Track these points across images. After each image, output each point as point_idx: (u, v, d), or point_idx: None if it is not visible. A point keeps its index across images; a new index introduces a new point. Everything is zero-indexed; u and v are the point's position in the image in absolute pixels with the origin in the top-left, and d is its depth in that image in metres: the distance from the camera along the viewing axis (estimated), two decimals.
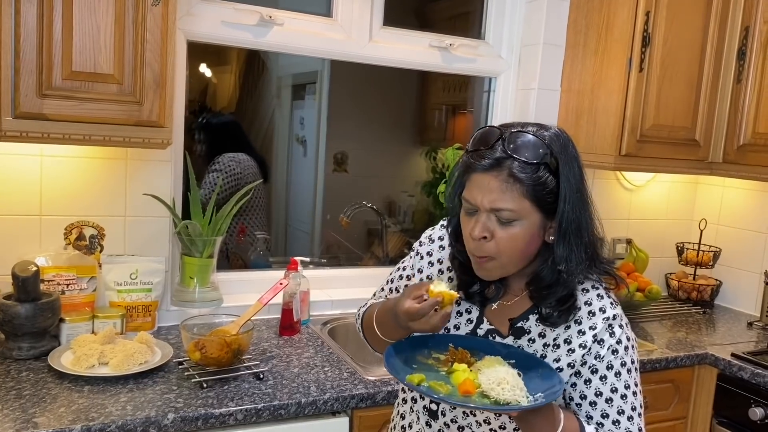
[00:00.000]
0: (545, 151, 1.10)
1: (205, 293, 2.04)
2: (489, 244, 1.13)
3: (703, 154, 2.48)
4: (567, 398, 1.19)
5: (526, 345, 1.21)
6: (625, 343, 1.18)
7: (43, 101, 1.54)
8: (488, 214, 1.12)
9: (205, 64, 3.33)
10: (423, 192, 3.64)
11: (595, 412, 1.16)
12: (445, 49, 2.45)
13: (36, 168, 1.86)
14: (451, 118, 3.89)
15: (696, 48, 2.38)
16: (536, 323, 1.21)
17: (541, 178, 1.10)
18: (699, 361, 2.19)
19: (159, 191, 1.97)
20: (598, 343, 1.16)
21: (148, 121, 1.65)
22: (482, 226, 1.13)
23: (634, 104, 2.29)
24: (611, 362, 1.16)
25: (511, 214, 1.11)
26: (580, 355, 1.16)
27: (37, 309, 1.69)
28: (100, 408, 1.46)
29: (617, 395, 1.15)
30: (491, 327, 1.25)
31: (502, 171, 1.10)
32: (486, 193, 1.11)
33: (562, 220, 1.12)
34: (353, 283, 2.48)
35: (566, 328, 1.19)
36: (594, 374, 1.16)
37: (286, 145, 3.85)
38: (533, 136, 1.11)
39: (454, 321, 1.29)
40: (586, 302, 1.19)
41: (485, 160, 1.11)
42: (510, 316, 1.25)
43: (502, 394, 1.05)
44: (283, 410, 1.57)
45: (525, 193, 1.10)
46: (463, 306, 1.29)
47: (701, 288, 2.77)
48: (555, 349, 1.19)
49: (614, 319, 1.18)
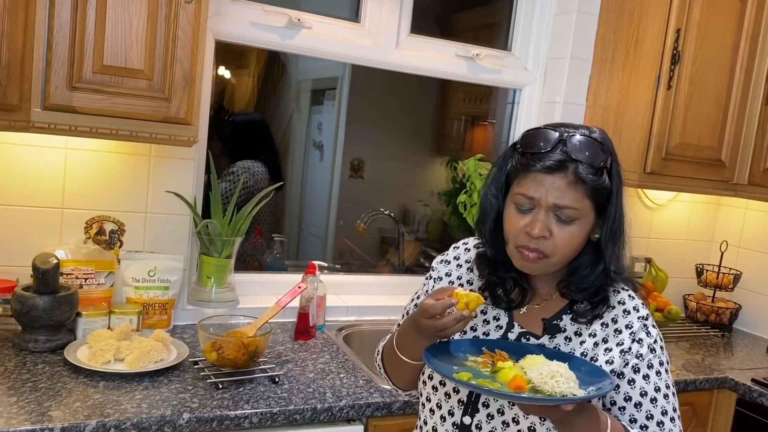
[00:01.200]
0: (603, 155, 1.12)
1: (222, 293, 2.03)
2: (547, 243, 1.13)
3: (728, 175, 2.45)
4: (609, 403, 1.16)
5: (563, 344, 1.19)
6: (660, 343, 1.18)
7: (73, 94, 1.54)
8: (547, 212, 1.12)
9: (224, 66, 3.34)
10: (442, 201, 3.62)
11: (640, 414, 1.13)
12: (471, 59, 2.44)
13: (60, 161, 1.86)
14: (470, 129, 3.87)
15: (725, 67, 2.36)
16: (571, 322, 1.20)
17: (602, 181, 1.12)
18: (718, 385, 2.16)
19: (181, 189, 1.97)
20: (637, 342, 1.16)
21: (175, 118, 1.64)
22: (542, 224, 1.12)
23: (660, 121, 2.27)
24: (651, 361, 1.15)
25: (574, 212, 1.11)
26: (618, 354, 1.15)
27: (55, 302, 1.69)
28: (115, 404, 1.44)
29: (660, 395, 1.14)
30: (523, 330, 1.23)
31: (568, 173, 1.10)
32: (551, 190, 1.11)
33: (613, 220, 1.15)
34: (369, 290, 2.47)
35: (603, 327, 1.18)
36: (637, 373, 1.15)
37: (302, 150, 3.84)
38: (590, 138, 1.13)
39: (483, 328, 1.26)
40: (619, 302, 1.19)
41: (548, 161, 1.11)
42: (542, 317, 1.23)
43: (557, 387, 1.00)
44: (299, 415, 1.55)
45: (587, 194, 1.11)
46: (490, 314, 1.27)
47: (720, 311, 2.73)
48: (593, 347, 1.17)
49: (647, 319, 1.19)
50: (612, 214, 1.15)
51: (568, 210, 1.11)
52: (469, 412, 1.20)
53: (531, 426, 1.15)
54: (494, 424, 1.17)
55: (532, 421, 1.15)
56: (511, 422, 1.16)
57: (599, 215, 1.15)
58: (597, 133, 1.15)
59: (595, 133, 1.15)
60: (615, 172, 1.14)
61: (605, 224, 1.15)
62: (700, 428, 2.18)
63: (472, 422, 1.19)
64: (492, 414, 1.18)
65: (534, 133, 1.16)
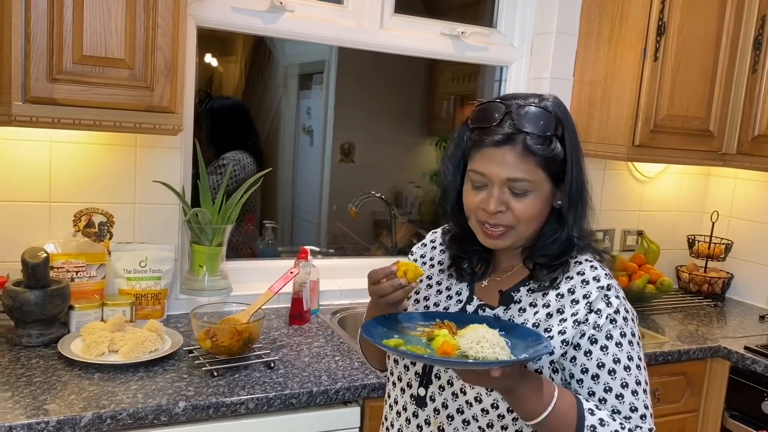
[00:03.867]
0: (554, 122, 1.12)
1: (215, 282, 2.02)
2: (506, 216, 1.14)
3: (717, 145, 2.45)
4: (568, 377, 1.14)
5: (517, 315, 1.19)
6: (624, 314, 1.14)
7: (54, 86, 1.52)
8: (501, 187, 1.13)
9: (211, 54, 3.31)
10: (432, 182, 3.61)
11: (598, 387, 1.11)
12: (456, 38, 2.42)
13: (45, 154, 1.84)
14: (460, 109, 3.86)
15: (711, 37, 2.34)
16: (527, 293, 1.20)
17: (553, 149, 1.12)
18: (711, 354, 2.18)
19: (169, 178, 1.96)
20: (594, 312, 1.13)
21: (159, 107, 1.63)
22: (497, 199, 1.13)
23: (648, 94, 2.26)
24: (610, 332, 1.12)
25: (527, 184, 1.12)
26: (571, 324, 1.13)
27: (47, 296, 1.68)
28: (111, 396, 1.45)
29: (620, 366, 1.11)
30: (481, 302, 1.24)
31: (516, 145, 1.11)
32: (501, 165, 1.11)
33: (571, 186, 1.15)
34: (362, 272, 2.41)
35: (558, 298, 1.16)
36: (594, 345, 1.12)
37: (292, 135, 3.83)
38: (539, 108, 1.12)
39: (444, 303, 1.28)
40: (578, 272, 1.17)
41: (496, 135, 1.11)
42: (500, 288, 1.23)
43: (481, 352, 1.00)
44: (295, 399, 1.56)
45: (538, 164, 1.11)
46: (453, 288, 1.29)
47: (712, 281, 2.75)
48: (547, 318, 1.15)
49: (609, 290, 1.15)
50: (569, 182, 1.14)
51: (520, 183, 1.11)
52: (423, 384, 1.21)
53: (477, 396, 1.15)
54: (446, 396, 1.19)
55: (478, 391, 1.15)
56: (459, 393, 1.17)
57: (556, 184, 1.15)
58: (549, 101, 1.15)
59: (547, 101, 1.15)
60: (569, 140, 1.14)
61: (564, 191, 1.15)
62: (694, 397, 2.20)
63: (426, 393, 1.21)
64: (443, 386, 1.19)
65: (483, 107, 1.16)
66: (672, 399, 2.15)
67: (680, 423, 2.20)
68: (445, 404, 1.19)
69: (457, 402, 1.17)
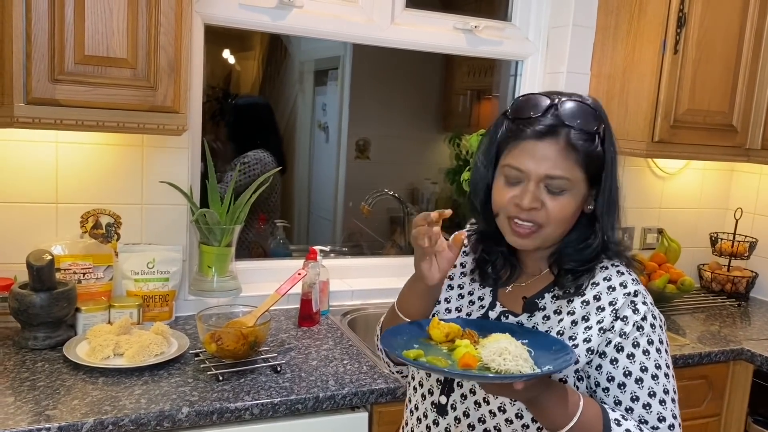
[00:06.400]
0: (596, 121, 1.08)
1: (224, 282, 2.00)
2: (539, 213, 1.09)
3: (740, 140, 2.37)
4: (593, 385, 1.11)
5: (541, 322, 1.15)
6: (651, 321, 1.11)
7: (56, 86, 1.50)
8: (537, 183, 1.08)
9: (229, 51, 3.29)
10: (447, 179, 3.56)
11: (624, 396, 1.07)
12: (470, 32, 2.37)
13: (51, 155, 1.83)
14: (476, 104, 3.81)
15: (734, 29, 2.26)
16: (551, 301, 1.16)
17: (595, 148, 1.08)
18: (734, 356, 2.10)
19: (176, 179, 1.93)
20: (621, 320, 1.09)
21: (162, 107, 1.60)
22: (532, 195, 1.08)
23: (668, 88, 2.19)
24: (637, 339, 1.08)
25: (565, 183, 1.08)
26: (597, 332, 1.09)
27: (53, 298, 1.67)
28: (114, 401, 1.43)
29: (647, 375, 1.07)
30: (504, 309, 1.20)
31: (559, 139, 1.07)
32: (540, 161, 1.07)
33: (606, 190, 1.11)
34: (374, 272, 2.43)
35: (584, 305, 1.12)
36: (620, 353, 1.08)
37: (308, 132, 3.80)
38: (584, 104, 1.09)
39: (466, 308, 1.24)
40: (605, 278, 1.14)
41: (539, 125, 1.07)
42: (524, 295, 1.19)
43: (503, 365, 0.96)
44: (301, 405, 1.53)
45: (579, 163, 1.07)
46: (476, 293, 1.25)
47: (736, 280, 2.67)
48: (572, 326, 1.11)
49: (636, 296, 1.11)
50: (607, 186, 1.11)
51: (558, 180, 1.07)
52: (445, 392, 1.18)
53: (501, 406, 1.12)
54: (468, 404, 1.15)
55: (501, 401, 1.11)
56: (482, 402, 1.14)
57: (591, 186, 1.11)
58: (590, 100, 1.12)
59: (588, 101, 1.11)
60: (609, 141, 1.10)
61: (600, 195, 1.11)
62: (717, 401, 2.13)
63: (448, 402, 1.18)
64: (465, 394, 1.15)
65: (525, 99, 1.12)
66: (693, 403, 2.08)
67: (701, 428, 2.13)
68: (466, 413, 1.15)
69: (480, 411, 1.14)
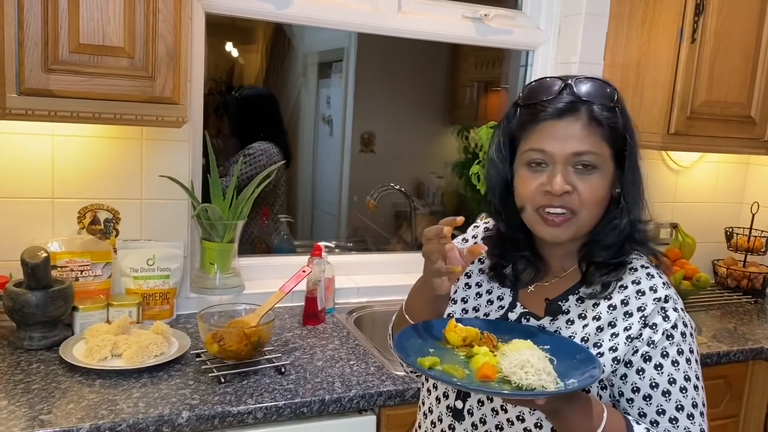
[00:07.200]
0: (615, 94, 1.04)
1: (226, 279, 1.94)
2: (572, 197, 1.03)
3: (759, 132, 2.29)
4: (617, 394, 1.04)
5: (564, 327, 1.08)
6: (682, 329, 1.03)
7: (50, 76, 1.43)
8: (565, 165, 1.02)
9: (232, 43, 3.23)
10: (454, 173, 3.49)
11: (650, 408, 1.01)
12: (479, 20, 2.29)
13: (47, 148, 1.76)
14: (483, 96, 3.73)
15: (753, 17, 2.18)
16: (576, 304, 1.09)
17: (618, 122, 1.03)
18: (753, 356, 2.03)
19: (176, 173, 1.87)
20: (650, 327, 1.02)
21: (161, 98, 1.53)
22: (562, 178, 1.02)
23: (684, 78, 2.12)
24: (666, 349, 1.02)
25: (595, 158, 1.02)
26: (624, 340, 1.02)
27: (48, 297, 1.61)
28: (111, 405, 1.37)
29: (675, 387, 1.00)
30: (525, 310, 1.13)
31: (581, 115, 1.01)
32: (565, 139, 1.01)
33: (630, 170, 1.06)
34: (380, 269, 2.36)
35: (610, 310, 1.05)
36: (647, 362, 1.01)
37: (312, 125, 3.74)
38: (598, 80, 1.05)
39: (484, 308, 1.17)
40: (633, 281, 1.06)
41: (558, 103, 1.02)
42: (547, 296, 1.13)
43: (525, 379, 0.90)
44: (306, 408, 1.46)
45: (605, 137, 1.02)
46: (495, 293, 1.18)
47: (752, 276, 2.60)
48: (597, 332, 1.05)
49: (667, 301, 1.04)
50: (630, 165, 1.06)
51: (588, 155, 1.01)
52: (461, 396, 1.12)
53: (520, 415, 1.05)
54: (485, 411, 1.09)
55: (521, 410, 1.05)
56: (500, 410, 1.07)
57: (617, 166, 1.05)
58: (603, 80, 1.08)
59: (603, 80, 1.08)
60: (628, 119, 1.06)
61: (625, 175, 1.06)
62: (735, 402, 2.07)
63: (464, 407, 1.11)
64: (482, 400, 1.09)
65: (537, 83, 1.07)
66: (710, 404, 1.97)
67: (719, 429, 2.07)
68: (483, 420, 1.09)
69: (498, 418, 1.07)
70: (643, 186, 1.09)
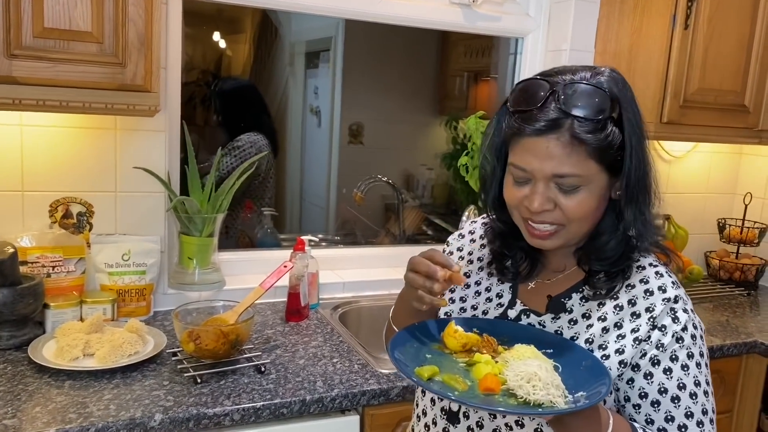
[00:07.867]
0: (607, 103, 0.93)
1: (206, 275, 1.87)
2: (554, 213, 0.97)
3: (753, 121, 2.25)
4: (623, 399, 0.99)
5: (567, 327, 1.03)
6: (692, 331, 0.99)
7: (12, 62, 1.36)
8: (546, 183, 0.95)
9: (219, 34, 3.16)
10: (443, 164, 3.43)
11: (658, 415, 0.96)
12: (467, 6, 2.23)
13: (15, 139, 1.69)
14: (473, 86, 3.67)
15: (748, 3, 2.13)
16: (580, 302, 1.04)
17: (607, 135, 0.93)
18: (747, 349, 1.99)
19: (152, 164, 1.80)
20: (659, 329, 0.97)
21: (132, 85, 1.46)
22: (542, 197, 0.96)
23: (677, 66, 2.07)
24: (675, 352, 0.97)
25: (577, 180, 0.95)
26: (631, 342, 0.97)
27: (17, 294, 1.54)
28: (80, 407, 1.30)
29: (685, 393, 0.96)
30: (525, 307, 1.08)
31: (563, 133, 0.93)
32: (544, 159, 0.94)
33: (629, 178, 0.96)
34: (367, 263, 2.30)
35: (617, 310, 1.00)
36: (656, 366, 0.97)
37: (299, 116, 3.67)
38: (590, 85, 0.94)
39: (483, 306, 1.12)
40: (641, 280, 1.01)
41: (538, 122, 0.93)
42: (549, 293, 1.07)
43: (533, 394, 0.85)
44: (286, 409, 1.40)
45: (590, 155, 0.93)
46: (494, 289, 1.13)
47: (745, 268, 2.56)
48: (603, 333, 1.00)
49: (676, 302, 0.99)
50: (628, 172, 0.96)
51: (568, 178, 0.94)
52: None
53: (519, 420, 1.00)
54: (481, 414, 1.04)
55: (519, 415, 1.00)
56: (497, 414, 1.02)
57: (614, 173, 0.97)
58: (604, 76, 0.97)
59: (601, 77, 0.97)
60: (628, 122, 0.95)
61: (626, 176, 0.97)
62: (729, 397, 2.03)
63: (460, 409, 1.06)
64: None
65: (524, 86, 0.98)
66: None
67: None
68: (480, 423, 1.04)
69: (495, 423, 1.02)
70: (650, 180, 1.00)
